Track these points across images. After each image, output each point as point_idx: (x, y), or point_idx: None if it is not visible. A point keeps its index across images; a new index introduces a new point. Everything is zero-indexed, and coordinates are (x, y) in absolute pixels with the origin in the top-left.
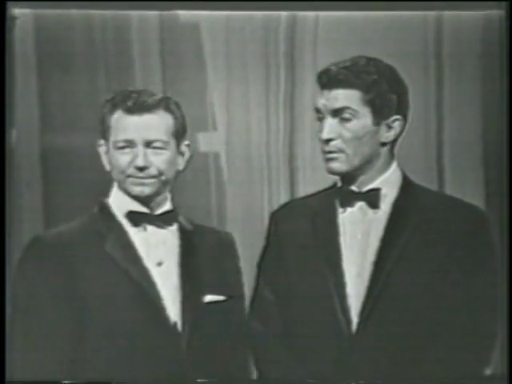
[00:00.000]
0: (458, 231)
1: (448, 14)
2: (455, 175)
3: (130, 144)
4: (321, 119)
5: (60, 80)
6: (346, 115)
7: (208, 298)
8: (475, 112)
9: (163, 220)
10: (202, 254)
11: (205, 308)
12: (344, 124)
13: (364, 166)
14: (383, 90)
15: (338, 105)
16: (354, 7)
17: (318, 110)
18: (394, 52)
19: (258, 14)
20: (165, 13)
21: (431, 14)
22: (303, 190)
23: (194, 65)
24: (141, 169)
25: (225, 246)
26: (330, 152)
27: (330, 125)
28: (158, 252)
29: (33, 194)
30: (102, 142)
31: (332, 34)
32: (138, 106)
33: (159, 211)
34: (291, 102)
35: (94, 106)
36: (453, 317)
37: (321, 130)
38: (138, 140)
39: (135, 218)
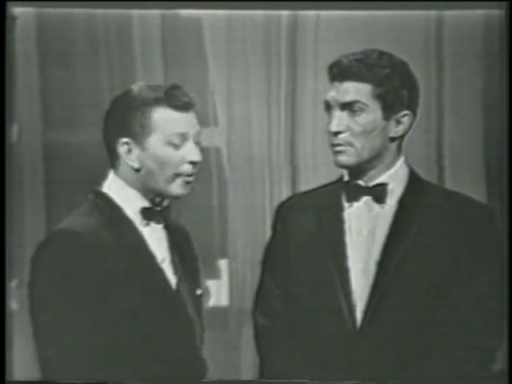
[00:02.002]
0: (465, 229)
1: (449, 14)
2: (455, 175)
3: (182, 139)
4: (329, 111)
5: (62, 78)
6: (356, 108)
7: (199, 291)
8: (476, 112)
9: (163, 216)
10: (183, 251)
11: (199, 302)
12: (353, 117)
13: (373, 160)
14: (395, 85)
15: (348, 98)
16: (354, 6)
17: (327, 102)
18: (395, 51)
19: (259, 13)
20: (166, 12)
21: (432, 13)
22: (305, 189)
23: (195, 63)
24: (195, 164)
25: (189, 242)
26: (339, 145)
27: (339, 117)
28: (160, 249)
29: (34, 193)
30: (125, 140)
31: (333, 33)
32: (184, 103)
33: (159, 208)
34: (292, 100)
35: (97, 104)
36: (458, 316)
37: (329, 123)
38: (190, 135)
39: (147, 215)
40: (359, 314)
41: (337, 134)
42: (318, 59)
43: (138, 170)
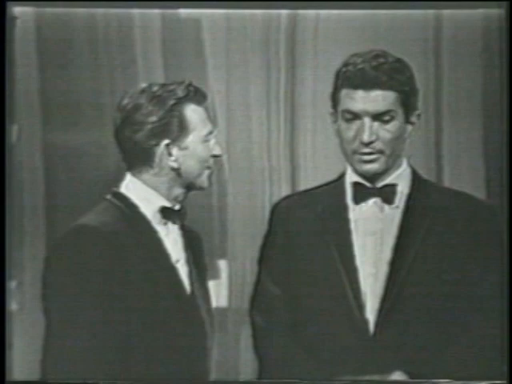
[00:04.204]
0: (471, 229)
1: (448, 13)
2: (454, 175)
3: (211, 135)
4: (352, 120)
5: (62, 78)
6: (387, 118)
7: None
8: (475, 111)
9: (180, 216)
10: (194, 252)
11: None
12: (383, 125)
13: (394, 164)
14: (412, 88)
15: (380, 108)
16: (354, 6)
17: (349, 111)
18: (394, 50)
19: (259, 12)
20: (166, 11)
21: (431, 12)
22: (304, 188)
23: (195, 63)
24: (217, 157)
25: (200, 244)
26: (370, 153)
27: (371, 127)
28: (175, 249)
29: (34, 193)
30: (167, 141)
31: (332, 33)
32: (204, 96)
33: (177, 207)
34: (292, 100)
35: (97, 104)
36: (470, 316)
37: (360, 133)
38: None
39: (166, 214)
40: (370, 316)
41: (369, 143)
42: (318, 59)
43: (175, 169)
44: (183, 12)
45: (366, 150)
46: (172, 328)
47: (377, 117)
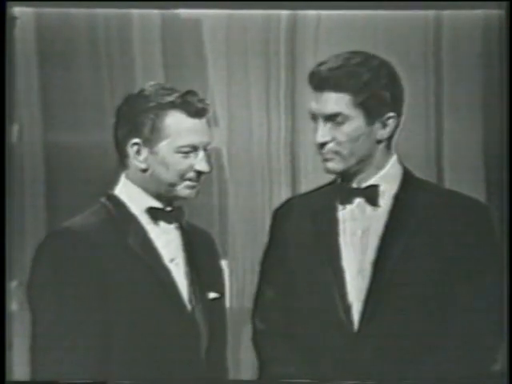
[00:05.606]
0: (462, 228)
1: (448, 14)
2: (454, 175)
3: (193, 149)
4: (315, 120)
5: (62, 78)
6: (339, 120)
7: (212, 294)
8: (475, 112)
9: (174, 216)
10: (198, 252)
11: (211, 305)
12: (337, 127)
13: (361, 163)
14: (375, 90)
15: (329, 110)
16: (354, 6)
17: (311, 113)
18: (394, 51)
19: (259, 13)
20: (166, 12)
21: (431, 13)
22: (304, 190)
23: (195, 63)
24: (202, 173)
25: (210, 245)
26: (326, 154)
27: (323, 129)
28: (169, 248)
29: (35, 193)
30: (136, 140)
31: (333, 33)
32: (198, 109)
33: (168, 208)
34: (292, 101)
35: (97, 104)
36: (457, 316)
37: (315, 133)
38: (200, 145)
39: (155, 214)
40: (355, 315)
41: (323, 144)
42: (318, 59)
43: (144, 171)
44: (183, 12)
45: (322, 151)
46: (162, 327)
47: (329, 118)
